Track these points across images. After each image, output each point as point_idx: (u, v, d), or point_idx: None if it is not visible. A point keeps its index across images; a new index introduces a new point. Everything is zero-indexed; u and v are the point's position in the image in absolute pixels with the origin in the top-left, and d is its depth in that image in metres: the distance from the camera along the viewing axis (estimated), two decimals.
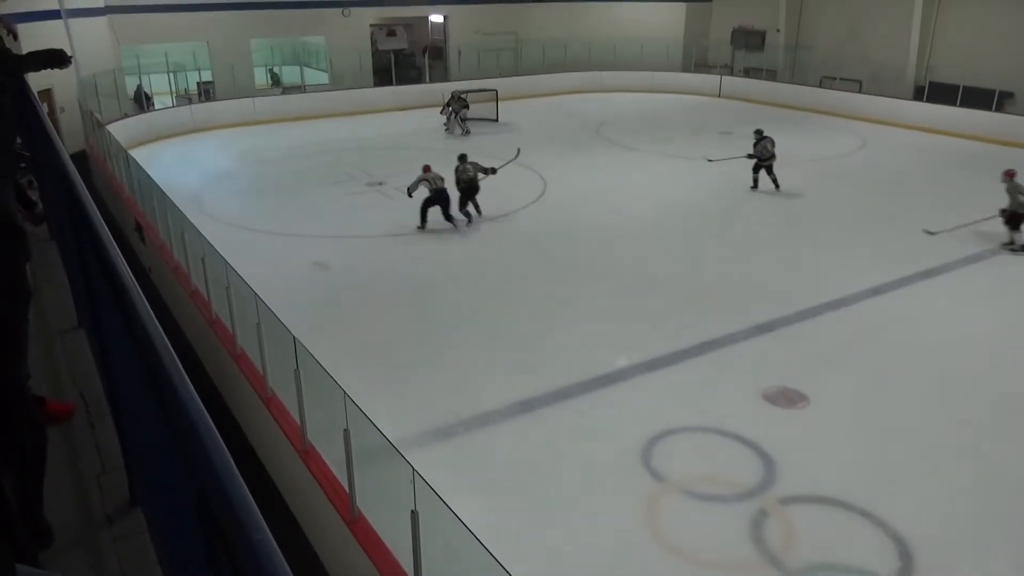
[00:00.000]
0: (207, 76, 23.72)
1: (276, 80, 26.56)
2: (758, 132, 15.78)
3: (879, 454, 7.13)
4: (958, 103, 21.37)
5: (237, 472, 1.17)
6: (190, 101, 22.65)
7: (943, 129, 21.22)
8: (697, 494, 6.54)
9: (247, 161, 18.48)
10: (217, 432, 1.23)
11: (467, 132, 21.24)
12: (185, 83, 23.56)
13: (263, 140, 20.59)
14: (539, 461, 7.02)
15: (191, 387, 1.36)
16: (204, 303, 8.88)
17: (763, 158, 15.51)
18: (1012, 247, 12.26)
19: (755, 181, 15.76)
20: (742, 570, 5.71)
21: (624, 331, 9.55)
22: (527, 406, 7.84)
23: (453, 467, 6.87)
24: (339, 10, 25.66)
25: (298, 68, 26.67)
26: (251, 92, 23.92)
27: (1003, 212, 12.38)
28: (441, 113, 21.89)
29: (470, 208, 13.61)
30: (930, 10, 23.75)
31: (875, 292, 10.68)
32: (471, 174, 13.57)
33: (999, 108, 21.24)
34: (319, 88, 25.28)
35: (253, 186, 16.48)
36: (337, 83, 25.31)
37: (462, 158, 13.86)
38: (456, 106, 21.54)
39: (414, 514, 4.47)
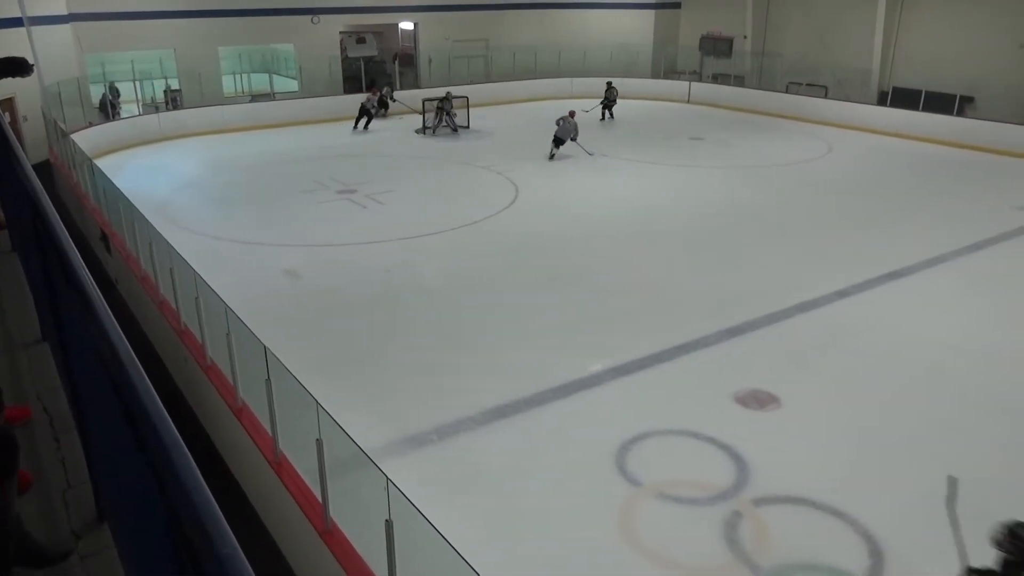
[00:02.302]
0: (174, 84, 23.44)
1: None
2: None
3: (849, 454, 7.23)
4: (920, 108, 21.82)
5: (205, 485, 1.15)
6: (157, 109, 22.37)
7: (906, 133, 21.65)
8: (671, 497, 6.57)
9: (216, 169, 18.29)
10: (184, 445, 1.22)
11: (455, 130, 22.00)
12: (152, 91, 23.27)
13: (232, 148, 20.39)
14: (514, 468, 7.01)
15: (157, 400, 1.34)
16: (173, 314, 8.76)
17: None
18: None
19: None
20: (717, 572, 5.74)
21: (596, 336, 9.59)
22: (501, 413, 7.83)
23: (427, 475, 6.84)
24: (308, 17, 25.53)
25: (267, 75, 26.42)
26: (220, 100, 23.69)
27: None
28: (435, 116, 22.13)
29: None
30: (892, 17, 24.24)
31: (842, 295, 10.84)
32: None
33: (960, 112, 21.72)
34: (289, 96, 25.11)
35: (222, 195, 16.31)
36: (307, 91, 25.16)
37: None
38: (448, 107, 22.05)
39: (388, 523, 4.44)
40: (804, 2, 26.78)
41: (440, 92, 23.35)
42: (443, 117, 22.13)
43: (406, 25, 28.81)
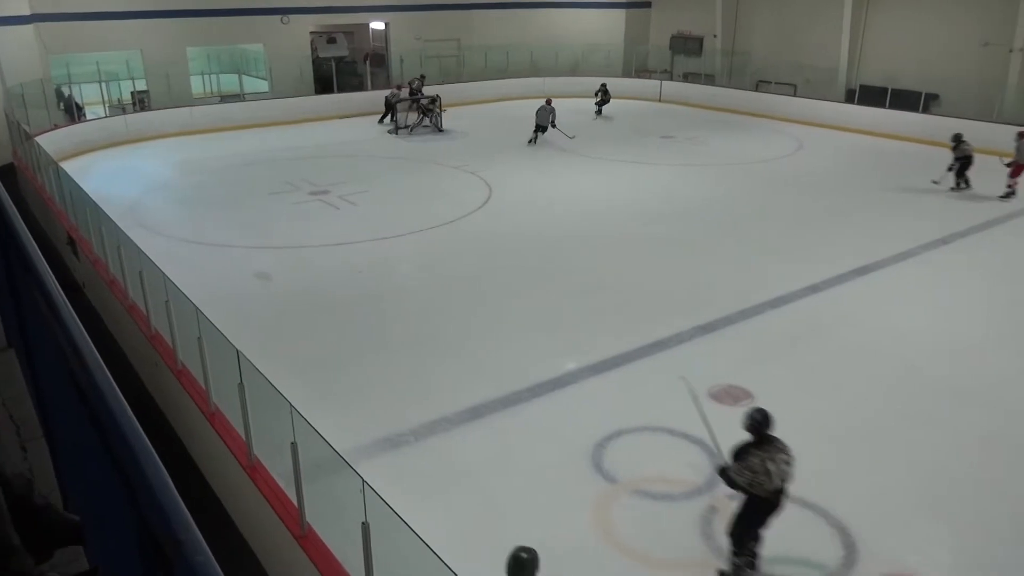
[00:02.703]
0: (141, 85, 23.09)
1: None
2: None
3: (822, 447, 7.32)
4: (887, 105, 22.16)
5: (176, 492, 1.14)
6: (124, 111, 22.02)
7: (874, 130, 21.96)
8: (648, 494, 6.61)
9: (185, 171, 18.05)
10: (154, 451, 1.20)
11: (440, 129, 22.16)
12: (119, 92, 22.91)
13: (201, 150, 20.14)
14: (490, 467, 7.01)
15: (125, 405, 1.32)
16: (142, 318, 8.64)
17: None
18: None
19: None
20: (693, 568, 5.79)
21: (571, 335, 9.61)
22: (476, 412, 7.83)
23: (404, 477, 6.81)
24: (278, 17, 25.29)
25: (236, 76, 26.11)
26: (188, 101, 23.39)
27: (1009, 164, 15.20)
28: (419, 115, 22.18)
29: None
30: (859, 16, 24.59)
31: (813, 290, 10.97)
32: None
33: (925, 110, 22.10)
34: (259, 96, 24.85)
35: (192, 197, 16.10)
36: (277, 91, 24.92)
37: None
38: (429, 104, 22.17)
39: (365, 526, 4.42)
40: (772, 2, 27.09)
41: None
42: (425, 116, 22.11)
43: (377, 25, 28.65)
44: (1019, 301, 10.71)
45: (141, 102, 22.74)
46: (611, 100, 24.66)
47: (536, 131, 20.33)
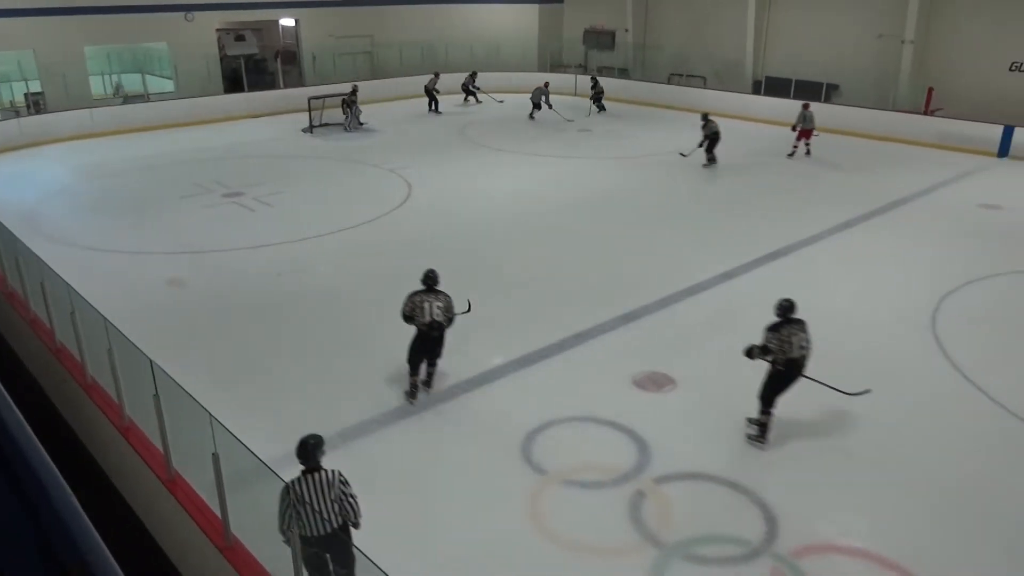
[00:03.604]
0: (36, 87, 21.90)
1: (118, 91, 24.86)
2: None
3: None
4: (791, 96, 23.03)
5: (82, 512, 1.08)
6: (17, 114, 20.84)
7: (780, 120, 22.70)
8: (577, 483, 6.70)
9: (87, 176, 17.23)
10: (56, 469, 1.14)
11: (359, 126, 21.95)
12: (10, 94, 21.67)
13: (104, 153, 19.27)
14: (420, 466, 6.97)
15: (23, 423, 1.25)
16: (46, 332, 8.22)
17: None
18: None
19: None
20: (625, 552, 5.90)
21: (496, 330, 9.64)
22: (404, 412, 7.77)
23: None
24: (181, 14, 24.40)
25: (140, 76, 25.05)
26: (88, 102, 22.31)
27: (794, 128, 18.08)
28: (345, 114, 21.92)
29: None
30: (762, 10, 25.45)
31: (728, 276, 11.32)
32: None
33: (827, 99, 23.08)
34: (164, 96, 23.93)
35: (95, 203, 15.38)
36: (184, 91, 24.05)
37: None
38: (350, 99, 21.84)
39: (293, 533, 4.33)
40: None
41: (325, 90, 22.96)
42: (350, 113, 21.86)
43: (287, 22, 27.98)
44: (914, 279, 11.31)
45: (36, 104, 21.58)
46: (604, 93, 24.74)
47: (533, 109, 23.34)
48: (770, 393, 7.21)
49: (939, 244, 12.82)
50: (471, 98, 26.32)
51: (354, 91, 22.19)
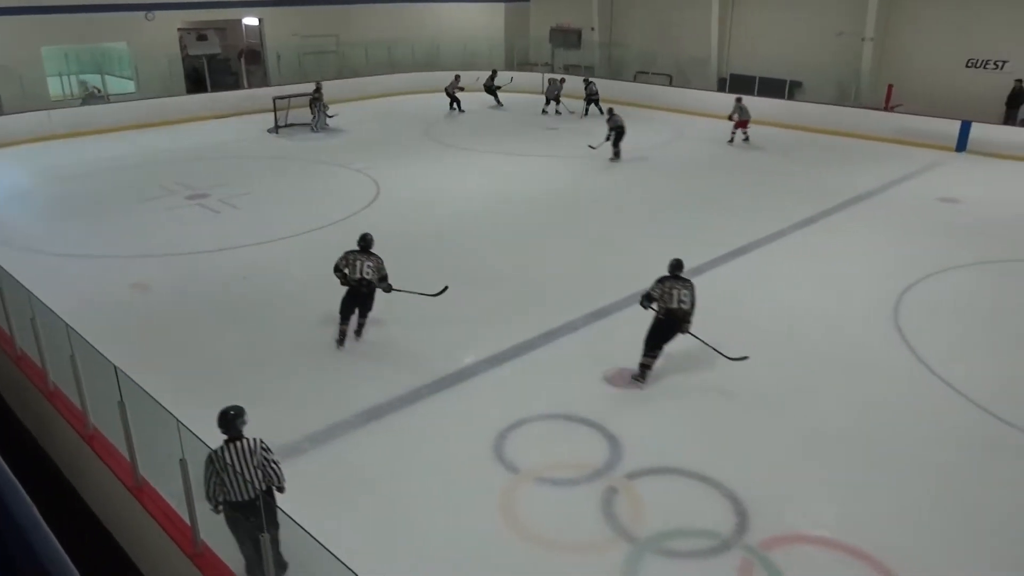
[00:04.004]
0: None
1: (90, 91, 24.28)
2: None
3: (711, 421, 7.66)
4: (755, 93, 23.32)
5: (43, 523, 1.06)
6: None
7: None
8: (550, 480, 6.72)
9: (45, 179, 16.86)
10: (15, 479, 1.11)
11: (326, 125, 21.64)
12: None
13: (63, 156, 18.86)
14: (392, 467, 6.94)
15: None
16: (6, 339, 8.04)
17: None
18: None
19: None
20: (599, 548, 5.93)
21: (467, 329, 9.63)
22: (375, 413, 7.72)
23: (305, 484, 6.63)
24: (142, 14, 23.97)
25: (100, 76, 24.56)
26: (46, 104, 21.83)
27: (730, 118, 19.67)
28: (312, 113, 21.65)
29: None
30: (726, 9, 25.74)
31: (696, 272, 11.41)
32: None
33: (790, 96, 23.43)
34: (125, 97, 23.49)
35: (55, 207, 15.06)
36: (145, 91, 23.64)
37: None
38: (315, 96, 21.60)
39: (263, 538, 4.29)
40: None
41: (290, 89, 22.72)
42: (318, 111, 21.63)
43: (250, 21, 27.64)
44: (877, 273, 11.52)
45: None
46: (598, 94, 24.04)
47: (549, 103, 24.11)
48: (651, 339, 8.14)
49: (900, 238, 13.07)
50: (492, 98, 25.51)
51: (318, 88, 21.99)
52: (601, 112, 22.46)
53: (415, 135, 21.28)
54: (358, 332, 9.09)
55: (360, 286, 8.78)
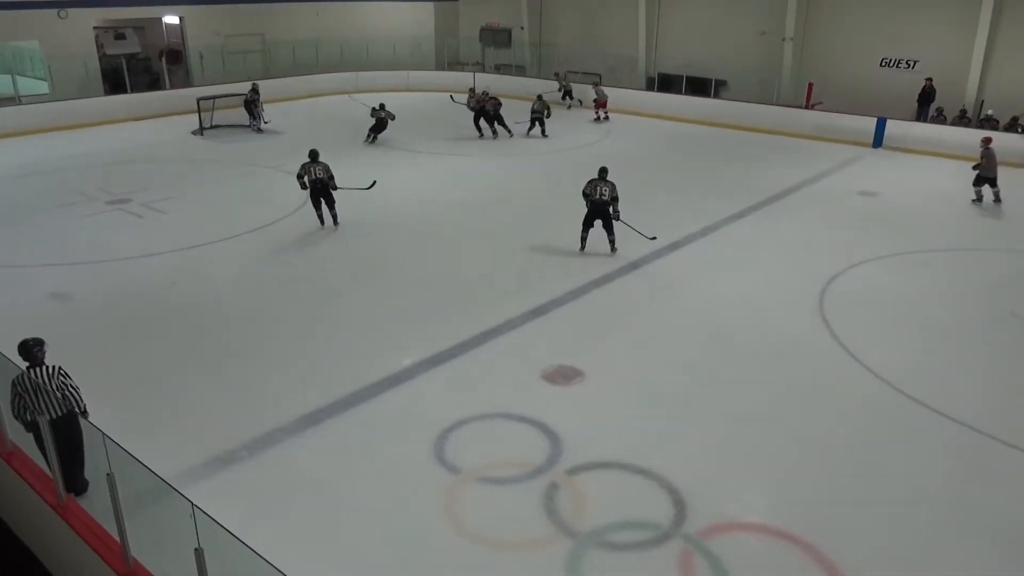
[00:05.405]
0: None
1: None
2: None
3: (648, 415, 7.79)
4: (683, 91, 23.84)
5: None
6: None
7: (672, 115, 23.55)
8: (491, 479, 6.72)
9: None
10: None
11: (264, 126, 21.35)
12: None
13: None
14: (332, 472, 6.83)
15: None
16: None
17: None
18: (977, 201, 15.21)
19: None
20: (542, 545, 5.96)
21: (404, 330, 9.56)
22: (313, 419, 7.59)
23: (240, 494, 6.48)
24: (54, 11, 22.97)
25: (10, 77, 23.45)
26: None
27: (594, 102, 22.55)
28: (250, 114, 21.32)
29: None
30: (652, 9, 26.22)
31: (633, 267, 11.62)
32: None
33: (716, 94, 24.02)
34: (37, 99, 22.47)
35: None
36: (60, 93, 22.66)
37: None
38: (251, 97, 21.15)
39: (199, 552, 4.16)
40: None
41: (216, 90, 22.15)
42: (256, 113, 21.28)
43: (171, 19, 26.79)
44: (802, 265, 11.91)
45: None
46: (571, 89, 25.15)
47: (565, 95, 25.01)
48: (586, 221, 11.89)
49: (824, 231, 13.54)
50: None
51: (254, 89, 21.49)
52: (545, 135, 21.34)
53: (349, 135, 20.96)
54: (335, 221, 13.05)
55: (316, 184, 12.73)
